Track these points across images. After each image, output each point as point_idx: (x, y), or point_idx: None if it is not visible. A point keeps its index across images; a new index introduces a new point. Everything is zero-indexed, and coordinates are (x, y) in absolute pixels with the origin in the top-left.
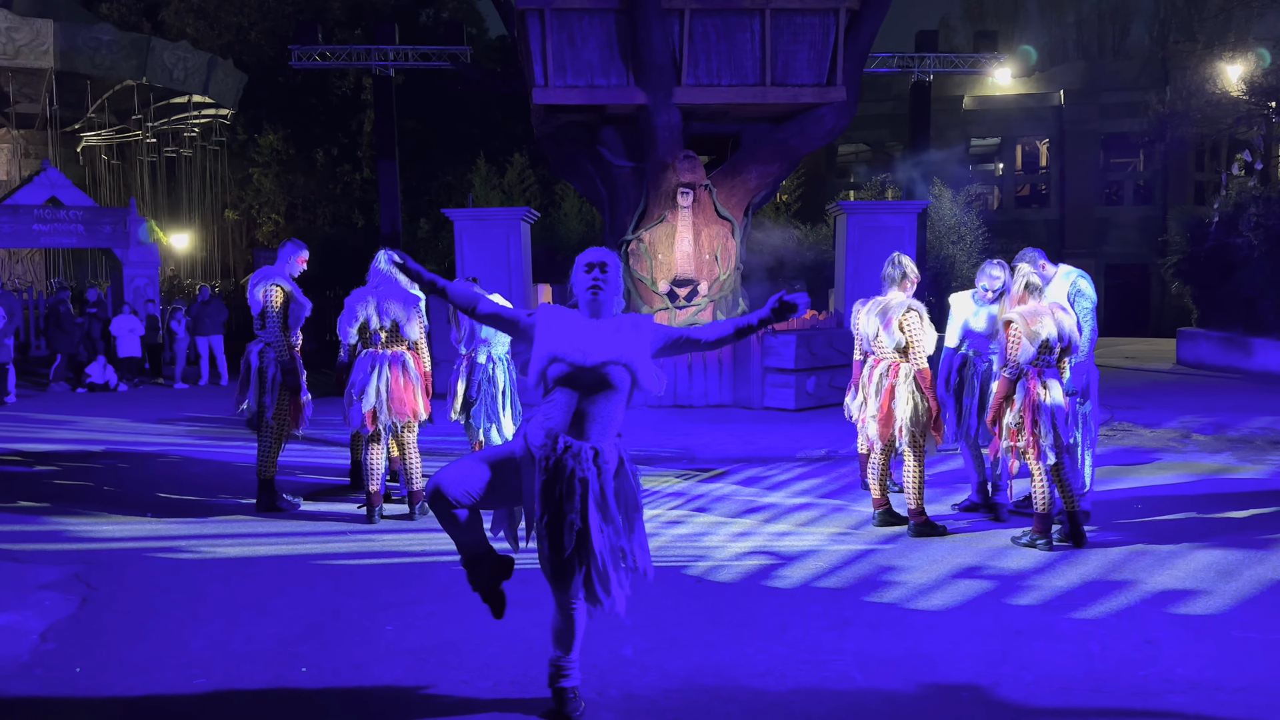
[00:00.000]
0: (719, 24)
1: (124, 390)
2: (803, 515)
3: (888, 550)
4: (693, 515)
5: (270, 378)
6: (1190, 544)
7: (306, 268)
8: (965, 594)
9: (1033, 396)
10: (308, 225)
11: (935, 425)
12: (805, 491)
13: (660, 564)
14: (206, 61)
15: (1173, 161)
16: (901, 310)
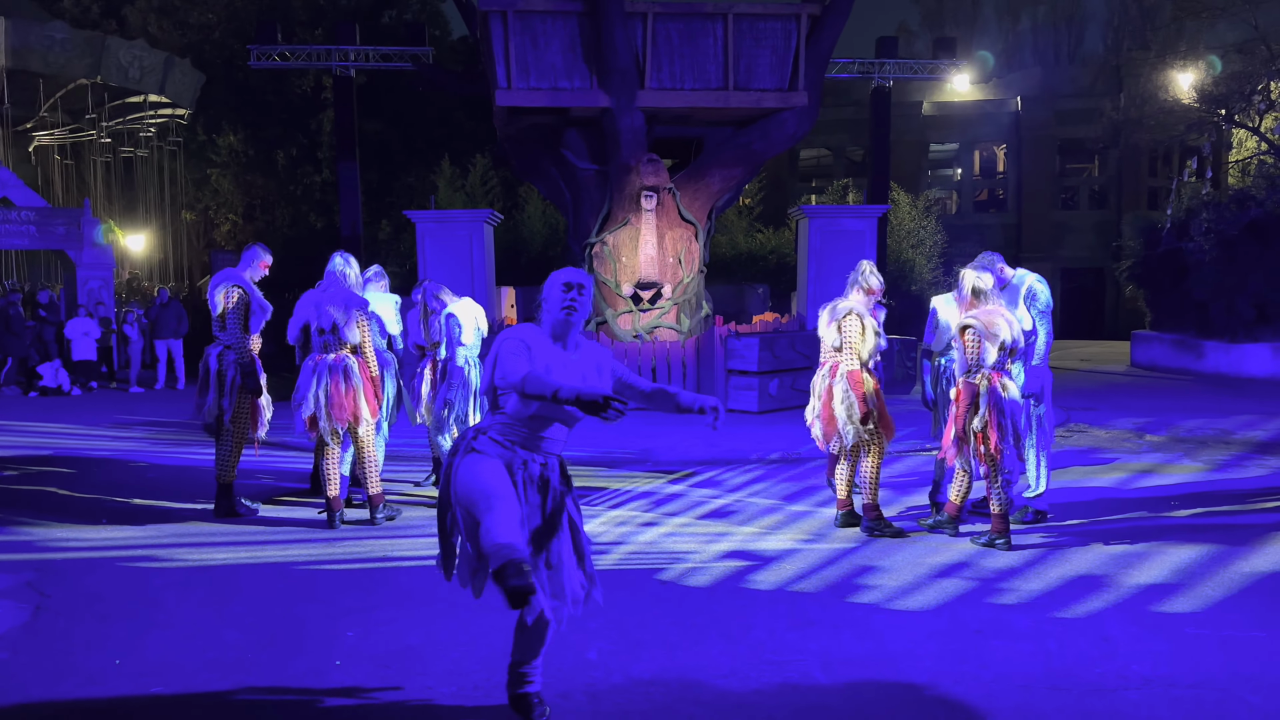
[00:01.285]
0: (682, 28)
1: (77, 394)
2: (767, 518)
3: (851, 552)
4: (657, 518)
5: (229, 381)
6: (1145, 543)
7: (268, 272)
8: (927, 594)
9: (997, 397)
10: (266, 226)
11: (883, 424)
12: (768, 494)
13: (625, 568)
14: (163, 61)
15: (1127, 167)
16: (843, 314)
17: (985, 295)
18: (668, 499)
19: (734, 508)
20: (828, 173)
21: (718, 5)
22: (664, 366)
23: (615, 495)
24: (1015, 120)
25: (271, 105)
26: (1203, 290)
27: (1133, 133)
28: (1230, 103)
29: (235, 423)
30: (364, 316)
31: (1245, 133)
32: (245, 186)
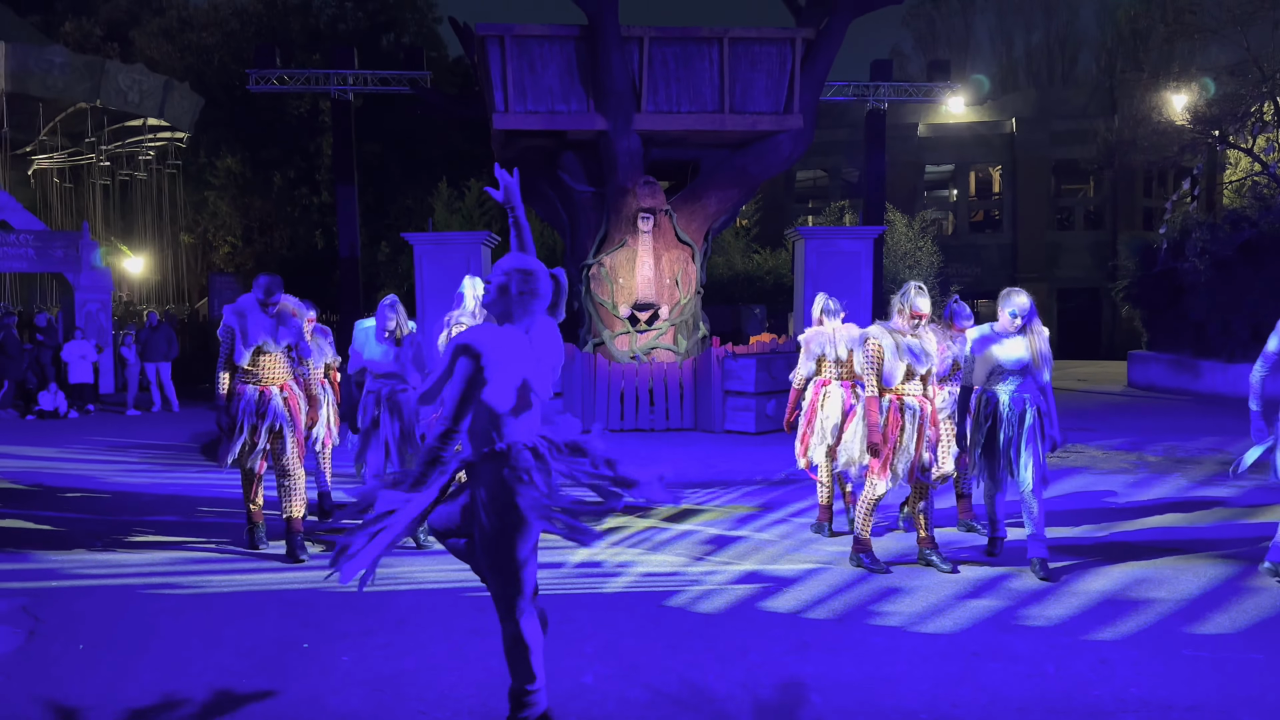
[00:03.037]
0: (678, 52)
1: (74, 417)
2: (762, 539)
3: (847, 574)
4: (654, 540)
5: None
6: (1140, 565)
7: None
8: (922, 617)
9: (897, 409)
10: (265, 249)
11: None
12: (766, 515)
13: (623, 590)
14: (162, 84)
15: (1122, 188)
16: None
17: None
18: (670, 522)
19: (731, 529)
20: (824, 194)
21: (713, 30)
22: (661, 387)
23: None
24: (1010, 142)
25: (270, 128)
26: (1199, 310)
27: (1127, 154)
28: (1223, 124)
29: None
30: (279, 342)
31: (1239, 153)
32: (243, 209)
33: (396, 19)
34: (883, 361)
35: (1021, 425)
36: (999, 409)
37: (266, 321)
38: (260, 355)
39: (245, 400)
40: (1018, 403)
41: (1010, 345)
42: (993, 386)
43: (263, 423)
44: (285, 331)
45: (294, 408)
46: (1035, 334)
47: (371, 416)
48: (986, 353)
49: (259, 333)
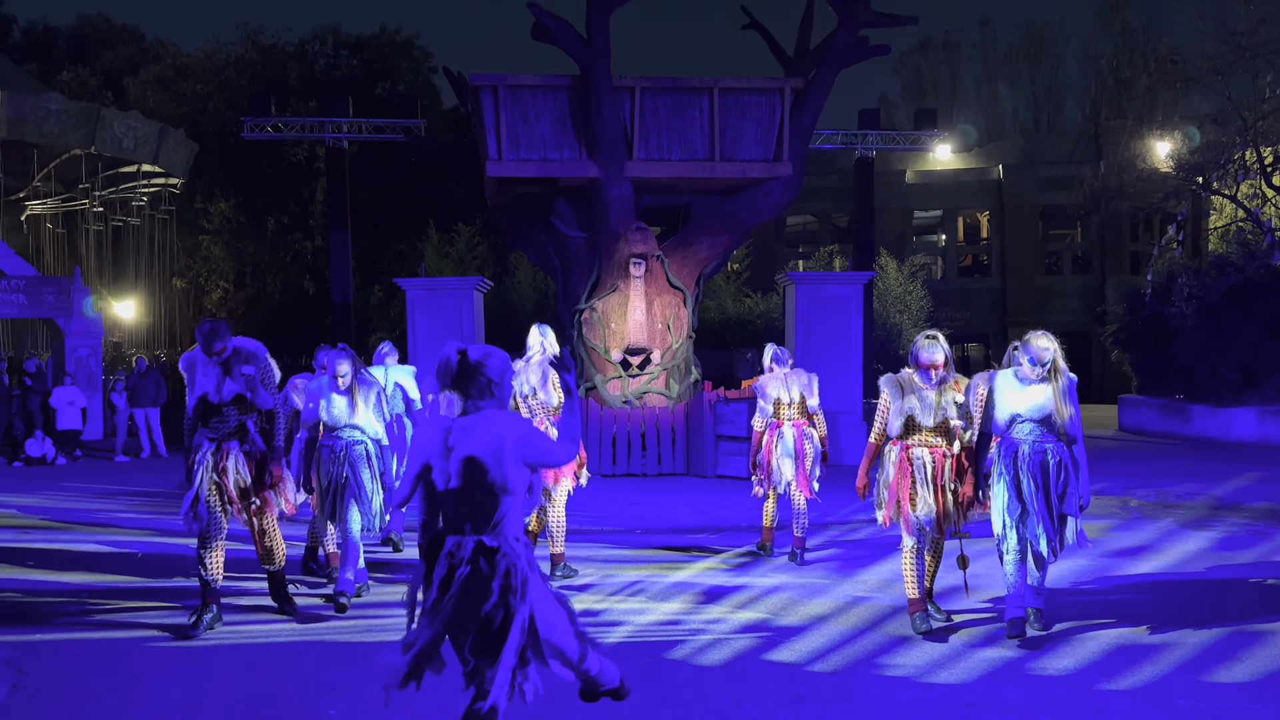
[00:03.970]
0: (669, 101)
1: (62, 464)
2: (764, 586)
3: (852, 625)
4: (652, 590)
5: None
6: (1132, 612)
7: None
8: (923, 670)
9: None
10: (257, 293)
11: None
12: (765, 563)
13: (621, 641)
14: (157, 131)
15: (1109, 233)
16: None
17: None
18: (669, 568)
19: (738, 578)
20: (814, 239)
21: (703, 80)
22: (653, 432)
23: (611, 565)
24: (997, 188)
25: (265, 174)
26: (1187, 355)
27: (1113, 200)
28: (1207, 171)
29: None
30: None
31: (1223, 199)
32: (236, 253)
33: (392, 68)
34: (886, 412)
35: (1044, 478)
36: (1018, 460)
37: (213, 371)
38: (208, 407)
39: (200, 454)
40: (1038, 454)
41: (1031, 392)
42: (1013, 435)
43: (224, 479)
44: (233, 382)
45: (254, 465)
46: (1059, 380)
47: (329, 474)
48: (1005, 399)
49: (205, 383)
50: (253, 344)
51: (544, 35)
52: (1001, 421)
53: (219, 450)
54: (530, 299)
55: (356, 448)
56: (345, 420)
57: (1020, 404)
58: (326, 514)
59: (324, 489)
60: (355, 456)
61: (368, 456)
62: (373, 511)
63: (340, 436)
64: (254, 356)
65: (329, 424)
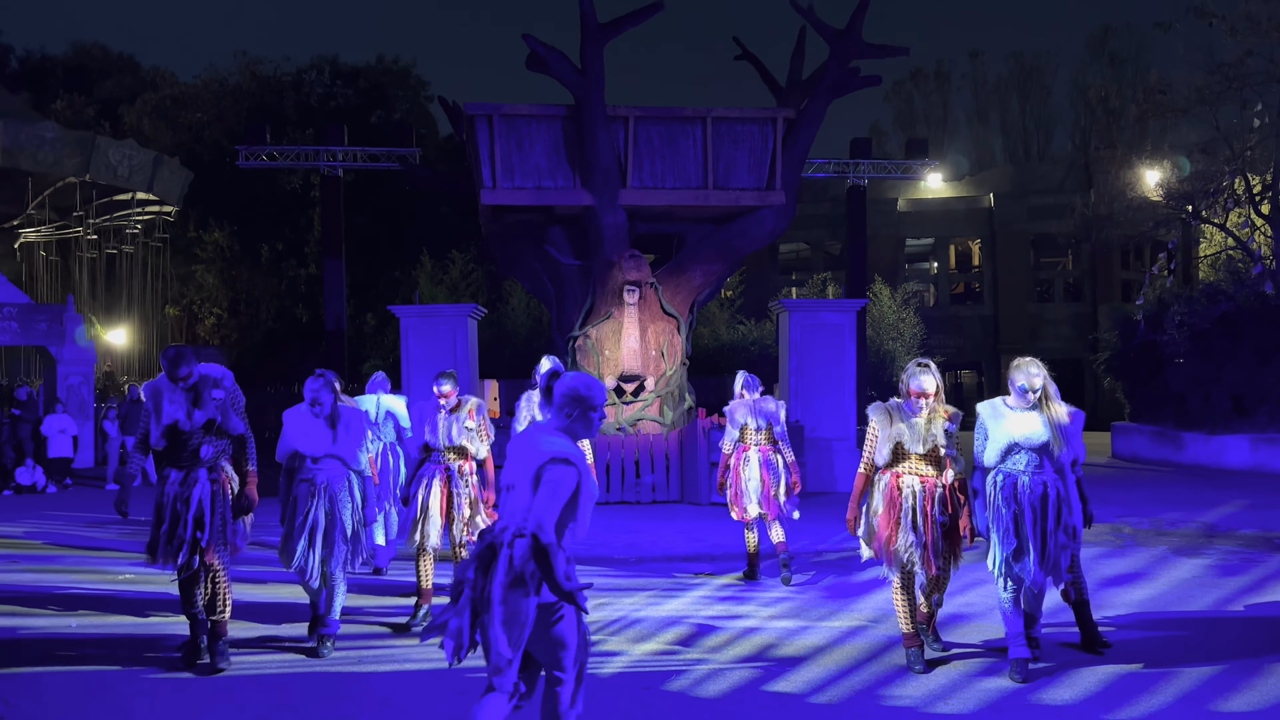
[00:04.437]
0: (663, 131)
1: (53, 492)
2: (752, 618)
3: (854, 654)
4: (650, 619)
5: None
6: (1129, 640)
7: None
8: (927, 700)
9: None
10: (250, 321)
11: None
12: (764, 591)
13: (612, 672)
14: (152, 159)
15: (1100, 261)
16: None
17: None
18: (664, 597)
19: (738, 608)
20: (807, 266)
21: (696, 110)
22: (647, 459)
23: (605, 594)
24: (988, 216)
25: (260, 202)
26: (1179, 382)
27: (1103, 228)
28: (1196, 200)
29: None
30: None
31: (1213, 228)
32: (230, 281)
33: (388, 97)
34: (875, 440)
35: (1043, 510)
36: (1018, 492)
37: (180, 399)
38: (177, 436)
39: (168, 486)
40: (1037, 485)
41: (1025, 421)
42: (1009, 468)
43: (186, 512)
44: (203, 409)
45: (224, 495)
46: (1053, 408)
47: (306, 510)
48: (998, 428)
49: (174, 410)
50: (219, 369)
51: (539, 66)
52: (997, 453)
53: (187, 480)
54: (524, 326)
55: (337, 482)
56: (325, 451)
57: (1015, 433)
58: (300, 554)
59: (299, 526)
60: (336, 492)
61: (350, 491)
62: (354, 550)
63: (320, 469)
64: (221, 382)
65: (308, 455)
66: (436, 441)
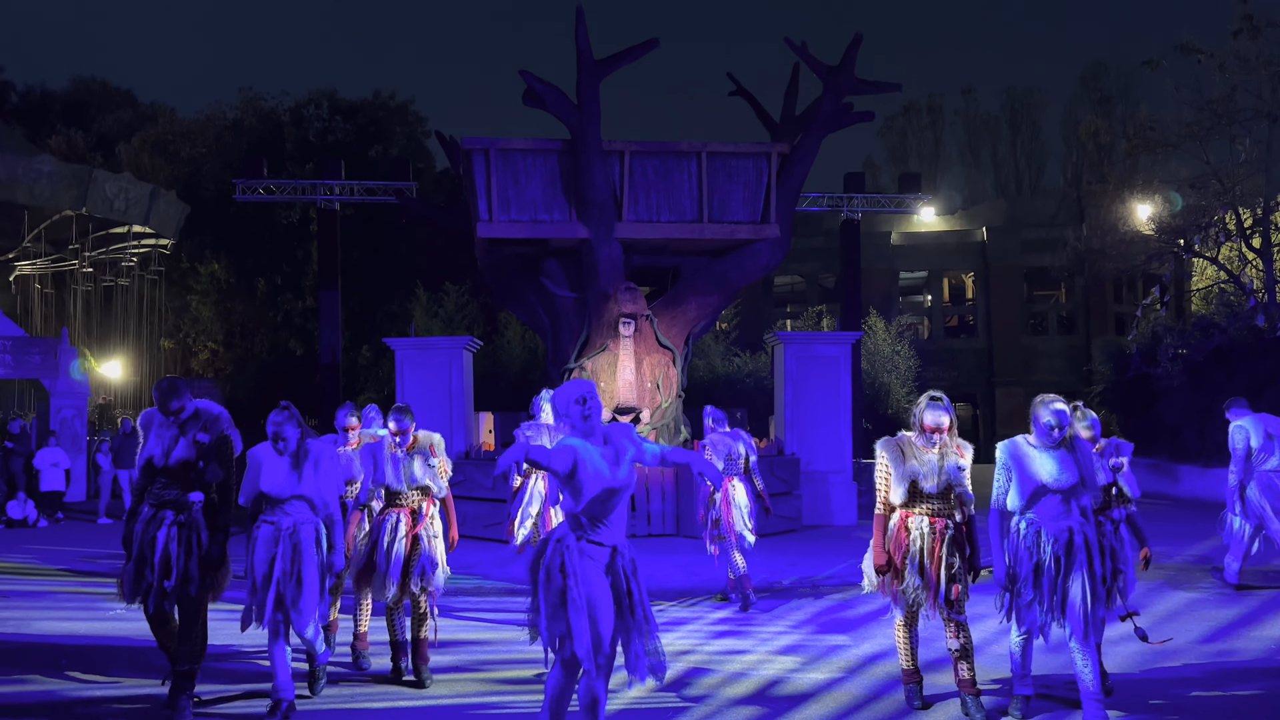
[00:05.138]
0: (658, 165)
1: (44, 526)
2: (754, 653)
3: (845, 695)
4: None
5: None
6: (1125, 674)
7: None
8: None
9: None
10: (245, 353)
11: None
12: (754, 626)
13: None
14: (149, 193)
15: (1093, 294)
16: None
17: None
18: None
19: (739, 643)
20: (802, 298)
21: (691, 144)
22: (643, 492)
23: None
24: (981, 249)
25: (257, 235)
26: (1174, 415)
27: (1096, 262)
28: (1188, 234)
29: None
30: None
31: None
32: (225, 314)
33: (386, 132)
34: (888, 479)
35: (1068, 560)
36: (1041, 541)
37: (167, 434)
38: (152, 471)
39: (136, 523)
40: (1062, 532)
41: (1050, 461)
42: (1033, 513)
43: (152, 554)
44: (184, 448)
45: (192, 543)
46: (1079, 448)
47: (269, 558)
48: (1020, 470)
49: (155, 446)
50: (215, 409)
51: (535, 101)
52: (1019, 496)
53: (154, 519)
54: (519, 358)
55: (305, 528)
56: (291, 491)
57: (1039, 476)
58: (265, 607)
59: (264, 576)
60: (304, 538)
61: (316, 538)
62: (319, 602)
63: (286, 512)
64: (215, 422)
65: (271, 496)
66: (399, 483)
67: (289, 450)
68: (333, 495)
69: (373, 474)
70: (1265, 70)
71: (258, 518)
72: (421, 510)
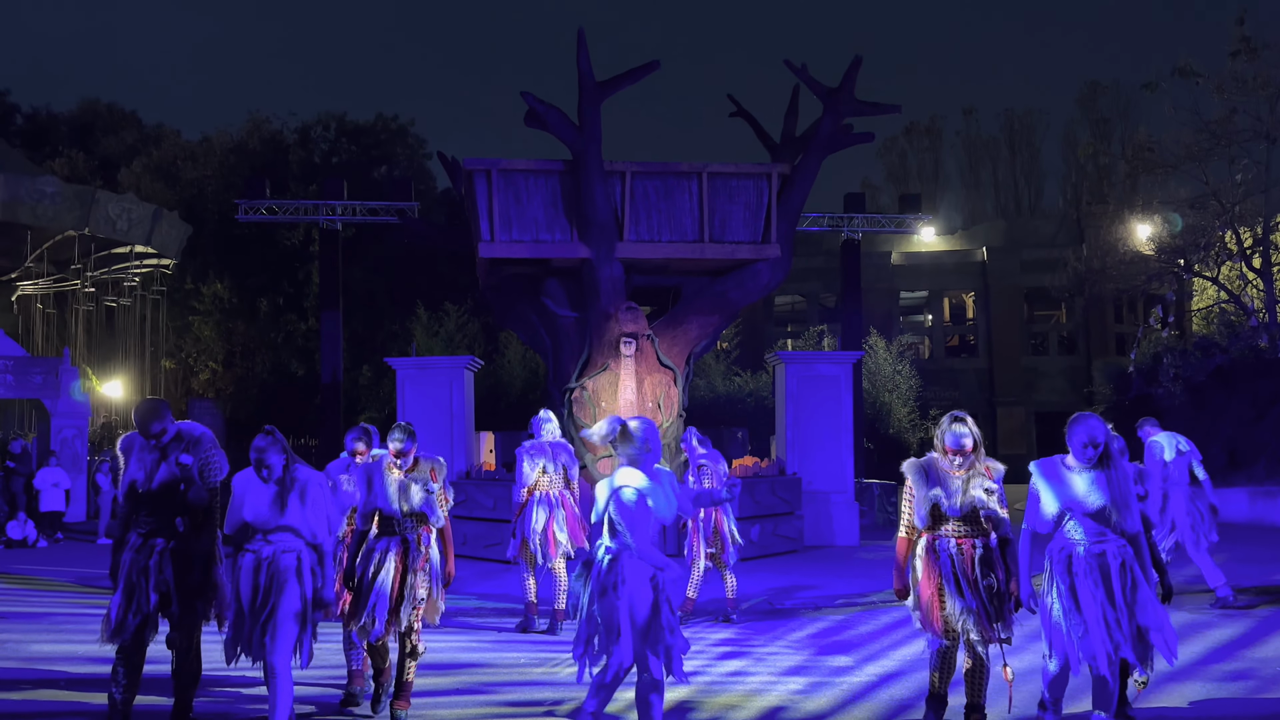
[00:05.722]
0: (659, 185)
1: (44, 546)
2: (759, 674)
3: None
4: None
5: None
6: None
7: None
8: None
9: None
10: (246, 373)
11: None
12: (758, 646)
13: None
14: (151, 213)
15: (1094, 314)
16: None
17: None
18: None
19: (739, 666)
20: (802, 318)
21: (692, 165)
22: None
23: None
24: (981, 270)
25: (260, 255)
26: None
27: (1096, 282)
28: (1188, 254)
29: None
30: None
31: (1205, 281)
32: (227, 334)
33: (389, 154)
34: (911, 500)
35: (1106, 584)
36: (1073, 564)
37: (149, 458)
38: (136, 498)
39: (126, 552)
40: (1096, 556)
41: (1083, 483)
42: (1066, 536)
43: (145, 582)
44: (168, 468)
45: (186, 563)
46: (1116, 469)
47: (251, 589)
48: (1054, 491)
49: (137, 470)
50: (198, 429)
51: (537, 122)
52: (1051, 518)
53: (144, 547)
54: (520, 378)
55: (285, 556)
56: (275, 522)
57: (1073, 497)
58: (241, 639)
59: (243, 609)
60: (283, 565)
61: (298, 566)
62: (302, 640)
63: (270, 541)
64: (197, 444)
65: (255, 526)
66: (394, 507)
67: (274, 478)
68: (321, 526)
69: (366, 496)
70: (1263, 91)
71: (242, 546)
72: (416, 541)
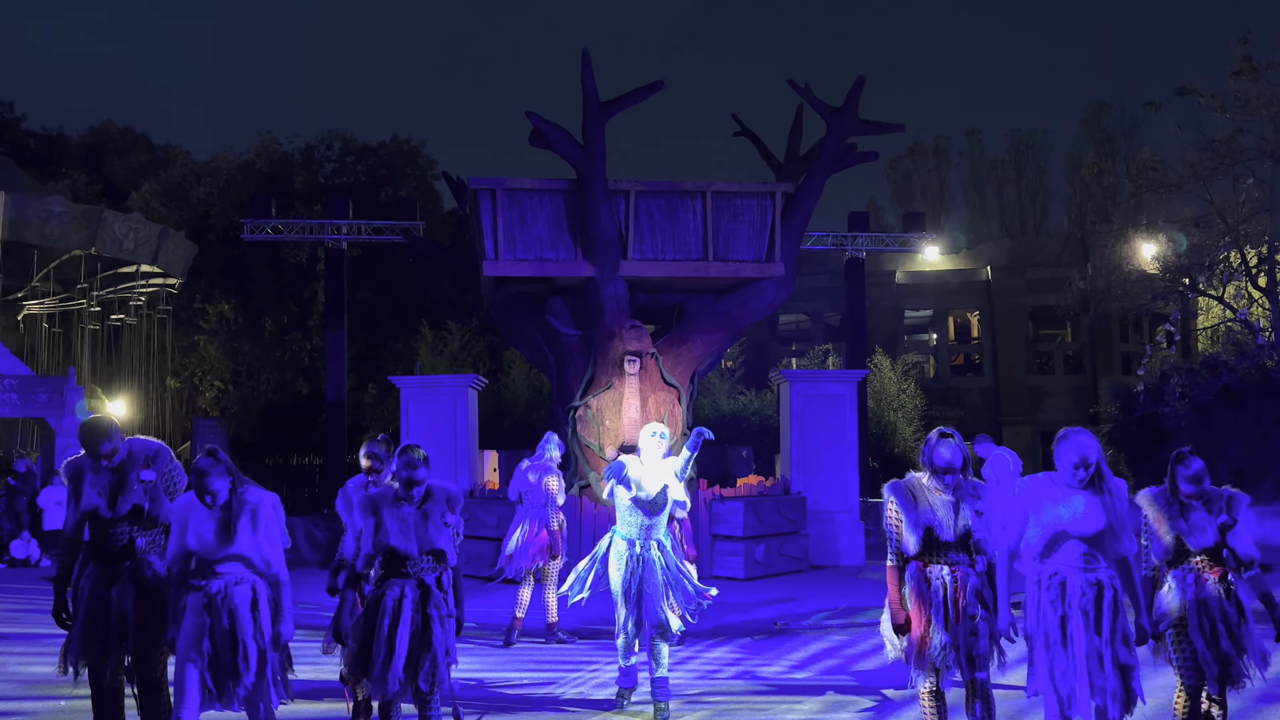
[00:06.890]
0: (663, 204)
1: (46, 565)
2: (766, 695)
3: None
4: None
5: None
6: None
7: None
8: None
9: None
10: (251, 392)
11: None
12: (759, 665)
13: None
14: (158, 233)
15: (1099, 333)
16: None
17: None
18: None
19: (741, 686)
20: (807, 336)
21: (696, 184)
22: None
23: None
24: (986, 289)
25: (265, 275)
26: None
27: (1102, 302)
28: (1193, 273)
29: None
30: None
31: (1210, 300)
32: (232, 353)
33: (395, 174)
34: (899, 527)
35: (1097, 616)
36: (1065, 593)
37: (104, 479)
38: (100, 525)
39: (84, 582)
40: (1091, 585)
41: (1076, 503)
42: (1055, 561)
43: (106, 614)
44: (129, 492)
45: (154, 596)
46: (1109, 488)
47: (200, 627)
48: (1042, 513)
49: (96, 497)
50: (153, 444)
51: (541, 141)
52: (1040, 543)
53: (106, 575)
54: (525, 397)
55: (238, 589)
56: (224, 551)
57: (1063, 520)
58: (194, 685)
59: (195, 651)
60: (238, 600)
61: (253, 599)
62: (260, 681)
63: (218, 574)
64: (155, 459)
65: (201, 556)
66: (409, 544)
67: (219, 503)
68: (275, 553)
69: (374, 535)
70: (1266, 111)
71: (185, 580)
72: (435, 582)
